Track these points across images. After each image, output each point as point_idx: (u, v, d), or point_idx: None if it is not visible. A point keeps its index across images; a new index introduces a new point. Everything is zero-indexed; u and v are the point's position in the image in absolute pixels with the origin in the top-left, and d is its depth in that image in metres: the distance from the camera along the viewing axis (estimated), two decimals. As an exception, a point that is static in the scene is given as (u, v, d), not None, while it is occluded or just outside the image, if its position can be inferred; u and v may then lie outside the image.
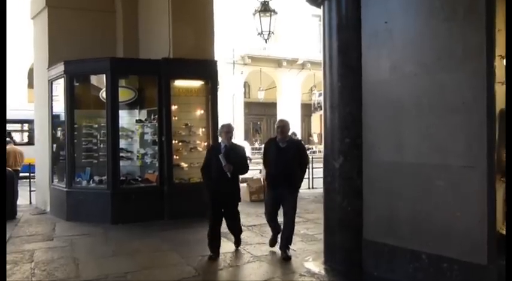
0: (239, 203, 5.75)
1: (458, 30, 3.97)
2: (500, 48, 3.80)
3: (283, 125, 5.53)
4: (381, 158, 4.54)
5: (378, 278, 4.52)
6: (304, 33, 26.81)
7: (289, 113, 26.85)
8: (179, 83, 8.15)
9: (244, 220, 7.62)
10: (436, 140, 4.09)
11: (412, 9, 4.37)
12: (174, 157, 7.97)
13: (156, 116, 7.98)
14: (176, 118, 8.04)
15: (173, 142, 7.95)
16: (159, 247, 6.06)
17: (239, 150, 5.60)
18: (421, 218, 4.16)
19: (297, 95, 28.48)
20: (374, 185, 4.61)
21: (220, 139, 5.65)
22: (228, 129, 5.48)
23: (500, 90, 3.84)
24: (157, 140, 7.98)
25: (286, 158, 5.34)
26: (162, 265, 5.27)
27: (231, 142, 5.49)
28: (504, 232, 3.66)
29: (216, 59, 8.47)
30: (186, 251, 5.76)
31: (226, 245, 5.80)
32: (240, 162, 5.44)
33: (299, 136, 17.12)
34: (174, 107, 7.99)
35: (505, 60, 3.81)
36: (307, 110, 28.72)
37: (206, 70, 8.20)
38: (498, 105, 3.80)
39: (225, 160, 5.23)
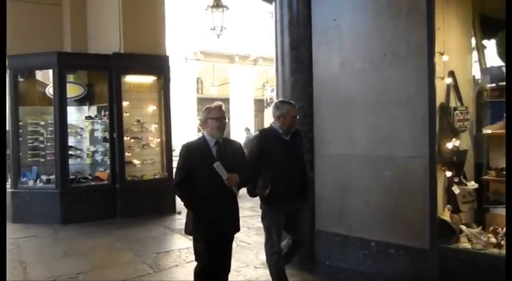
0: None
1: (402, 28, 4.17)
2: (439, 45, 4.04)
3: (296, 113, 3.87)
4: (331, 151, 4.69)
5: (330, 266, 4.68)
6: (257, 30, 26.91)
7: (242, 108, 26.96)
8: (130, 78, 7.99)
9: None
10: (383, 133, 4.29)
11: (359, 8, 4.54)
12: (126, 153, 7.82)
13: (107, 113, 7.79)
14: (128, 114, 7.88)
15: (125, 138, 7.79)
16: (113, 246, 5.95)
17: (236, 149, 3.54)
18: (370, 207, 4.35)
19: (250, 91, 28.59)
20: (325, 177, 4.76)
21: (204, 132, 3.45)
22: (220, 114, 3.37)
23: (440, 85, 4.09)
24: (108, 137, 7.79)
25: (297, 156, 3.90)
26: (116, 263, 5.19)
27: (222, 135, 3.45)
28: (444, 218, 3.92)
29: (168, 54, 8.37)
30: (140, 249, 5.69)
31: (180, 241, 5.79)
32: (241, 170, 3.39)
33: (252, 132, 17.21)
34: (125, 103, 7.83)
35: (443, 57, 4.06)
36: (260, 105, 28.89)
37: (158, 65, 8.09)
38: (438, 99, 4.04)
39: (226, 170, 3.24)
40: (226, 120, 3.49)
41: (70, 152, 7.66)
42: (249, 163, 3.67)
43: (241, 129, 15.00)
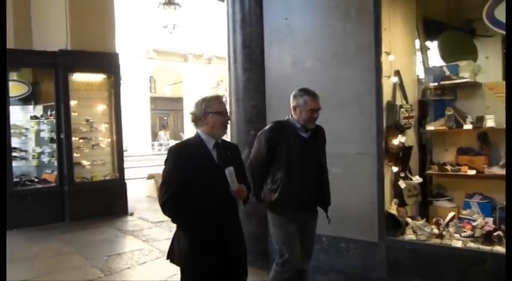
0: (147, 199, 5.55)
1: (351, 28, 4.28)
2: (385, 45, 4.18)
3: (317, 105, 3.22)
4: (284, 149, 4.73)
5: (284, 263, 4.73)
6: (211, 28, 26.77)
7: (196, 108, 26.75)
8: (78, 76, 7.72)
9: (152, 216, 7.52)
10: (333, 131, 4.36)
11: (310, 7, 4.62)
12: (75, 154, 7.56)
13: (54, 112, 7.48)
14: (76, 114, 7.61)
15: (73, 139, 7.52)
16: (61, 250, 5.73)
17: (236, 152, 2.92)
18: (322, 203, 4.43)
19: (204, 90, 28.40)
20: (279, 174, 4.80)
21: (198, 130, 2.73)
22: (223, 107, 2.74)
23: (386, 84, 4.24)
24: (55, 138, 7.49)
25: (316, 159, 3.29)
26: (65, 268, 5.00)
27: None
28: (391, 211, 4.08)
29: (118, 52, 8.15)
30: (90, 253, 5.51)
31: (133, 242, 5.67)
32: (244, 179, 2.88)
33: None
34: (73, 102, 7.56)
35: (390, 57, 4.21)
36: (214, 104, 28.75)
37: (108, 63, 7.86)
38: (385, 97, 4.18)
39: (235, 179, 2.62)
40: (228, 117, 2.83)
41: (14, 154, 7.31)
42: (255, 161, 3.22)
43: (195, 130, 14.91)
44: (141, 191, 9.88)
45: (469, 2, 5.24)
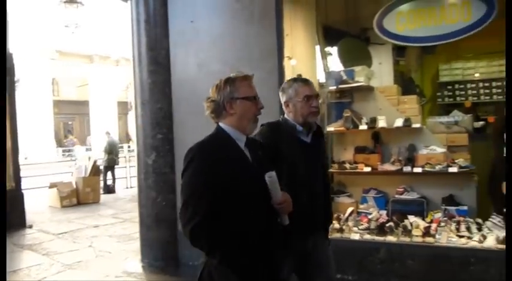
0: (49, 210, 5.16)
1: (255, 33, 4.40)
2: (288, 50, 4.36)
3: (314, 91, 2.52)
4: (192, 152, 4.71)
5: (194, 267, 4.69)
6: (118, 29, 25.79)
7: (104, 111, 25.58)
8: (-36, 77, 6.98)
9: (54, 227, 7.04)
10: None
11: (216, 10, 4.65)
12: (-39, 164, 6.80)
13: None
14: (-38, 119, 6.86)
15: (-41, 146, 6.77)
16: None
17: (265, 151, 2.17)
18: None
19: (112, 93, 27.25)
20: (187, 178, 4.76)
21: (223, 123, 2.05)
22: (255, 92, 2.13)
23: (289, 87, 4.40)
24: None
25: (320, 167, 2.60)
26: None
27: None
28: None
29: (12, 51, 7.51)
30: (-20, 271, 5.00)
31: (30, 257, 5.25)
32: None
33: (116, 136, 16.41)
34: (-42, 106, 6.80)
35: (291, 61, 4.39)
36: (123, 108, 27.75)
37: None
38: (288, 100, 4.34)
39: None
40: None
41: None
42: None
43: (101, 133, 14.16)
44: (43, 201, 9.19)
45: (364, 12, 5.63)
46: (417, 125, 4.43)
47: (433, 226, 3.93)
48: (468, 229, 3.93)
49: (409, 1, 4.48)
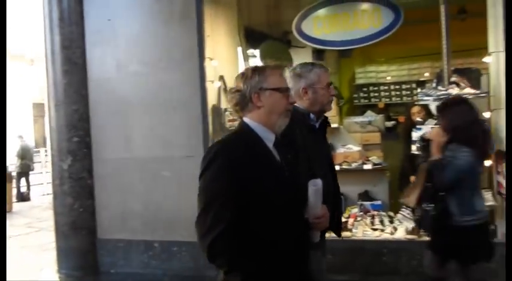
0: None
1: (176, 33, 4.34)
2: (209, 51, 4.35)
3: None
4: (111, 155, 4.54)
5: (115, 274, 4.53)
6: (33, 26, 24.20)
7: (17, 113, 23.80)
8: None
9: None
10: (161, 135, 4.38)
11: (134, 9, 4.52)
12: None
13: None
14: None
15: None
16: None
17: (297, 153, 2.01)
18: (152, 209, 4.39)
19: (27, 94, 25.48)
20: (106, 183, 4.58)
21: (247, 118, 1.71)
22: (283, 83, 1.75)
23: (211, 89, 4.41)
24: None
25: (330, 158, 2.49)
26: None
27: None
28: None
29: None
30: None
31: None
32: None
33: (31, 140, 15.32)
34: None
35: (213, 62, 4.39)
36: (40, 110, 25.99)
37: None
38: (210, 101, 4.35)
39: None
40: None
41: None
42: None
43: (13, 136, 13.15)
44: None
45: (285, 15, 5.78)
46: (335, 125, 4.63)
47: (350, 220, 4.13)
48: (381, 222, 4.19)
49: (325, 6, 4.67)
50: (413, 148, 4.01)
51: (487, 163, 3.40)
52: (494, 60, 3.83)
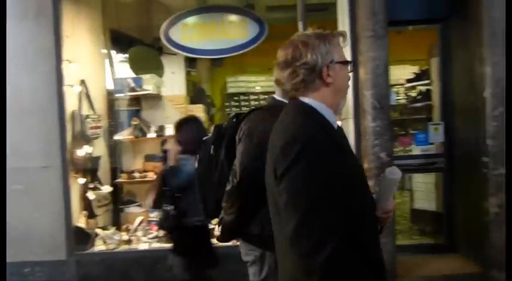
0: None
1: (30, 31, 3.97)
2: (69, 53, 4.05)
3: None
4: None
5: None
6: None
7: None
8: None
9: None
10: (14, 144, 3.92)
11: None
12: None
13: None
14: None
15: None
16: None
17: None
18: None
19: None
20: None
21: (308, 98, 1.33)
22: (346, 56, 1.43)
23: (71, 93, 4.10)
24: None
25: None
26: None
27: None
28: (79, 224, 3.96)
29: None
30: None
31: None
32: None
33: None
34: None
35: (72, 65, 4.09)
36: None
37: None
38: (69, 107, 4.03)
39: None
40: None
41: None
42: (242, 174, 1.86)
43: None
44: None
45: (156, 21, 5.65)
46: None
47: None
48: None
49: (194, 15, 4.68)
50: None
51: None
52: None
